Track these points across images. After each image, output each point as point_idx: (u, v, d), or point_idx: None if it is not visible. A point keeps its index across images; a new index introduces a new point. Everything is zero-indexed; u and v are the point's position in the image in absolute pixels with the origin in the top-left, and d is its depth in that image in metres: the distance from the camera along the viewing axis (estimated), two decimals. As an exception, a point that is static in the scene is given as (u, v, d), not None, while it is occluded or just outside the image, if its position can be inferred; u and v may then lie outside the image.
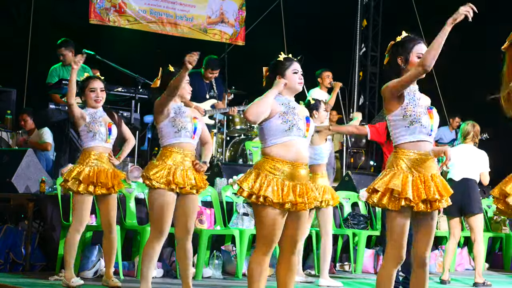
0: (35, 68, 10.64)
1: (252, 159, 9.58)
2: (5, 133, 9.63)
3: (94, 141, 5.82)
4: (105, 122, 5.88)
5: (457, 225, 7.48)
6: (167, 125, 5.12)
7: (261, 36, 12.45)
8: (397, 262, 4.07)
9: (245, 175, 4.21)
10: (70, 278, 5.77)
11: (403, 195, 3.98)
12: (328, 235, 6.84)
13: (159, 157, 5.14)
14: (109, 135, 5.86)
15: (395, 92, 4.05)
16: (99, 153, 5.82)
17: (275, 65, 4.35)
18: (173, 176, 5.02)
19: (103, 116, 5.91)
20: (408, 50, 4.11)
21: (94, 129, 5.79)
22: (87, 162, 5.78)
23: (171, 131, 5.12)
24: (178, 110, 5.16)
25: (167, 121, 5.11)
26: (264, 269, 4.18)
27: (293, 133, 4.19)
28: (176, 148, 5.12)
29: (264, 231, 4.15)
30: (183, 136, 5.12)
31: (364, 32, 14.15)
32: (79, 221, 5.76)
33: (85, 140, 5.84)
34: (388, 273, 4.08)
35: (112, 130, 5.90)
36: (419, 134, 4.07)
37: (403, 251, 4.05)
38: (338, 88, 10.00)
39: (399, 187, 3.98)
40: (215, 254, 7.13)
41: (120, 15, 11.69)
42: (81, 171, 5.74)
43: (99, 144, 5.83)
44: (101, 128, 5.82)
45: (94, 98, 5.87)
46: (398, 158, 4.06)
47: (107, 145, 5.88)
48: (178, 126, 5.10)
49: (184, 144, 5.14)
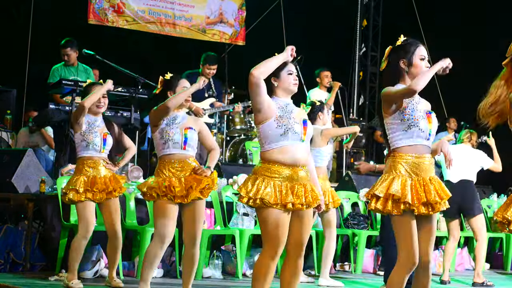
0: (35, 68, 10.63)
1: (252, 159, 9.58)
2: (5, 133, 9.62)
3: (87, 151, 5.81)
4: (101, 132, 5.85)
5: (456, 227, 7.48)
6: (157, 136, 5.16)
7: (261, 36, 12.45)
8: (410, 268, 4.04)
9: (244, 182, 4.21)
10: (71, 280, 5.77)
11: (403, 199, 3.98)
12: (331, 237, 6.85)
13: (155, 171, 5.18)
14: (103, 146, 5.85)
15: (390, 102, 4.09)
16: (93, 162, 5.82)
17: None
18: (169, 186, 5.03)
19: (100, 126, 5.88)
20: (410, 53, 4.14)
21: (88, 139, 5.78)
22: (82, 171, 5.79)
23: (160, 143, 5.15)
24: (171, 121, 5.16)
25: (157, 132, 5.14)
26: (269, 273, 4.15)
27: (289, 137, 4.16)
28: (169, 159, 5.12)
29: (268, 233, 4.13)
30: (171, 147, 5.12)
31: (364, 32, 14.15)
32: (85, 228, 5.75)
33: (79, 148, 5.84)
34: (400, 279, 4.04)
35: (107, 140, 5.88)
36: (417, 138, 4.07)
37: (415, 255, 4.02)
38: (337, 87, 10.00)
39: (399, 192, 3.98)
40: (215, 254, 7.13)
41: (119, 15, 11.68)
42: (77, 180, 5.75)
43: (93, 154, 5.83)
44: (96, 138, 5.80)
45: (96, 104, 5.87)
46: (397, 162, 4.06)
47: (102, 154, 5.87)
48: (165, 137, 5.11)
49: (176, 155, 5.13)
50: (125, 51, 11.17)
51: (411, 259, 4.01)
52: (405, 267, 4.03)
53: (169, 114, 5.11)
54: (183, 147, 5.14)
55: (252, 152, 9.66)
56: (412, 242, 4.01)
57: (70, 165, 7.04)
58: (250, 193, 4.10)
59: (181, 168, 5.12)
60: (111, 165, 5.89)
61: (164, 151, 5.13)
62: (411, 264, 4.02)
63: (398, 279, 4.04)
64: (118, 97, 8.14)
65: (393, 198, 4.00)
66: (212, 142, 5.44)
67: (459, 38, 12.26)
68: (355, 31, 13.95)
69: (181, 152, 5.14)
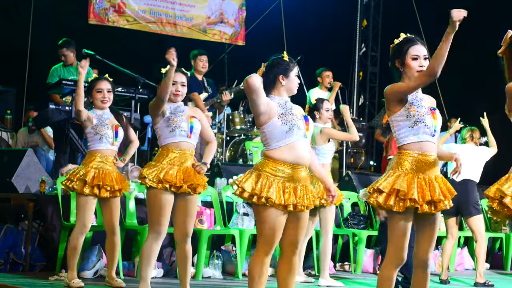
0: (35, 68, 10.64)
1: (252, 159, 9.58)
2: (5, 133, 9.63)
3: (101, 143, 5.83)
4: (112, 124, 5.89)
5: (454, 225, 7.49)
6: (162, 125, 5.16)
7: (261, 36, 12.46)
8: (398, 264, 4.06)
9: (245, 176, 4.20)
10: (71, 279, 5.77)
11: (409, 196, 3.97)
12: (327, 235, 6.83)
13: (156, 157, 5.19)
14: (115, 138, 5.88)
15: (402, 96, 4.05)
16: (105, 156, 5.83)
17: (278, 64, 4.28)
18: (165, 175, 5.03)
19: (110, 118, 5.92)
20: (403, 53, 4.11)
21: (101, 131, 5.80)
22: (92, 164, 5.79)
23: (166, 131, 5.15)
24: (175, 110, 5.19)
25: (163, 121, 5.15)
26: (265, 270, 4.17)
27: (294, 133, 4.18)
28: (173, 147, 5.14)
29: (265, 232, 4.14)
30: (178, 135, 5.14)
31: (364, 32, 14.15)
32: (82, 223, 5.76)
33: (92, 142, 5.85)
34: (388, 274, 4.07)
35: (119, 132, 5.91)
36: (423, 134, 4.06)
37: (404, 252, 4.05)
38: (338, 88, 10.00)
39: (405, 188, 3.97)
40: (215, 254, 7.13)
41: (120, 15, 11.69)
42: (87, 173, 5.74)
43: (106, 147, 5.84)
44: (108, 131, 5.83)
45: (100, 99, 5.88)
46: (403, 159, 4.05)
47: (113, 147, 5.90)
48: (172, 125, 5.13)
49: (181, 144, 5.16)
50: (125, 51, 11.17)
51: (399, 255, 4.03)
52: (393, 263, 4.05)
53: (164, 102, 5.10)
54: (189, 135, 5.17)
55: (252, 152, 9.67)
56: (404, 240, 4.03)
57: (70, 165, 7.05)
58: (254, 189, 4.11)
59: (181, 156, 5.13)
60: (119, 163, 5.91)
61: (170, 139, 5.14)
62: (399, 260, 4.04)
63: (387, 274, 4.06)
64: (118, 97, 8.14)
65: (397, 194, 3.99)
66: (211, 134, 5.46)
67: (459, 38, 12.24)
68: (355, 31, 13.95)
69: (187, 140, 5.17)
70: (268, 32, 12.51)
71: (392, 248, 4.05)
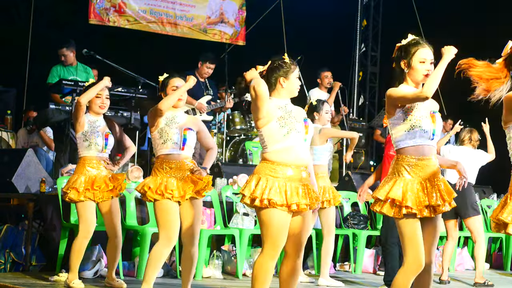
0: (35, 68, 10.63)
1: (252, 159, 9.58)
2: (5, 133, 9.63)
3: (89, 150, 5.81)
4: (103, 132, 5.86)
5: (453, 227, 7.50)
6: (156, 135, 5.17)
7: (261, 36, 12.45)
8: (417, 270, 3.99)
9: (246, 182, 4.19)
10: (72, 280, 5.77)
11: (404, 204, 3.97)
12: (330, 235, 6.84)
13: (153, 170, 5.19)
14: (105, 146, 5.85)
15: (396, 104, 4.06)
16: (94, 162, 5.82)
17: (279, 65, 4.27)
18: (165, 188, 5.04)
19: (101, 126, 5.88)
20: (410, 54, 4.10)
21: (90, 139, 5.78)
22: (83, 171, 5.79)
23: (159, 142, 5.16)
24: (171, 121, 5.18)
25: (156, 132, 5.15)
26: (269, 273, 4.15)
27: (292, 136, 4.16)
28: (167, 159, 5.14)
29: (271, 234, 4.11)
30: (169, 147, 5.14)
31: (364, 32, 14.14)
32: (86, 228, 5.75)
33: (81, 148, 5.84)
34: (405, 280, 3.99)
35: (109, 140, 5.88)
36: (419, 138, 4.05)
37: (421, 257, 3.97)
38: (338, 88, 10.01)
39: (399, 197, 3.96)
40: (215, 254, 7.13)
41: (120, 15, 11.68)
42: (77, 180, 5.74)
43: (95, 154, 5.83)
44: (98, 139, 5.80)
45: (99, 104, 5.86)
46: (400, 165, 4.05)
47: (103, 154, 5.87)
48: (164, 137, 5.13)
49: (174, 156, 5.15)
50: (126, 51, 11.17)
51: (417, 261, 3.98)
52: (411, 270, 3.98)
53: (163, 115, 5.12)
54: (181, 147, 5.16)
55: (252, 152, 9.67)
56: (418, 244, 3.98)
57: (70, 165, 7.05)
58: (255, 193, 4.09)
59: (178, 168, 5.14)
60: (111, 165, 5.89)
61: (162, 150, 5.15)
62: (417, 266, 3.98)
63: (403, 282, 3.99)
64: (118, 97, 8.15)
65: (393, 201, 3.99)
66: (211, 141, 5.45)
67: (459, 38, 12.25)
68: (355, 31, 13.94)
69: (179, 152, 5.16)
70: (268, 32, 12.50)
71: (408, 255, 3.98)
